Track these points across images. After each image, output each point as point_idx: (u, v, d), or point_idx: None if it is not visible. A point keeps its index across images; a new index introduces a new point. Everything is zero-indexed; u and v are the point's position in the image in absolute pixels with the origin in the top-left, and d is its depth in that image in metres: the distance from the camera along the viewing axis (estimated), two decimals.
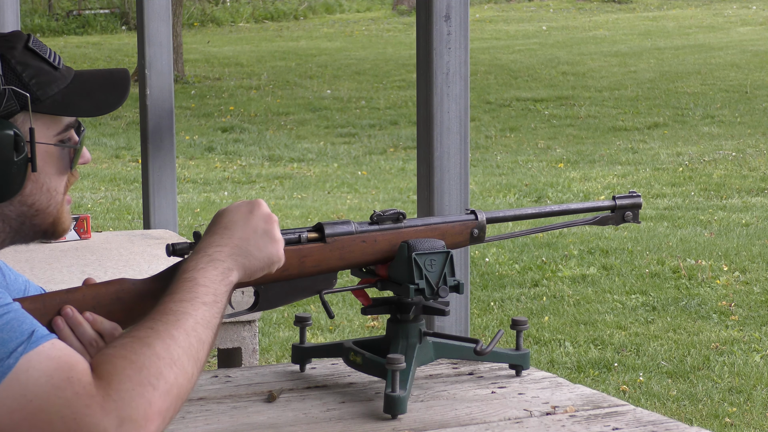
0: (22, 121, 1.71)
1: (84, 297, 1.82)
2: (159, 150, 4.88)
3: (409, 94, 16.81)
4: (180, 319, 1.60)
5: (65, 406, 1.46)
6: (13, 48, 1.73)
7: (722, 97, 16.12)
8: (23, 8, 23.57)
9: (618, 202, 2.24)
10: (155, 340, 1.55)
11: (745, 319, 6.27)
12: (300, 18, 27.53)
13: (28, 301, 1.79)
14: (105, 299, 1.83)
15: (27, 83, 1.71)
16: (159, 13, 4.87)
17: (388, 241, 2.03)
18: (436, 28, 2.77)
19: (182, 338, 1.57)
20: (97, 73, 1.83)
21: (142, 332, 1.56)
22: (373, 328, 6.14)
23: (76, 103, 1.76)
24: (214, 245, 1.75)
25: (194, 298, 1.65)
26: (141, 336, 1.56)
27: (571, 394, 2.08)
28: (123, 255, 3.83)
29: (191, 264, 1.72)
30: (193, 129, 14.72)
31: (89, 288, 1.84)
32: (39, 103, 1.72)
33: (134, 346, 1.53)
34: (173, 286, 1.68)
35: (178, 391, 1.53)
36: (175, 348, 1.55)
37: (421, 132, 2.85)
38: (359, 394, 2.07)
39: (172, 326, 1.58)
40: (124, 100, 1.80)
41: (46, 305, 1.79)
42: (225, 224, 1.79)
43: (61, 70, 1.77)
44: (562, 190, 10.51)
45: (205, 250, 1.75)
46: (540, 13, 27.58)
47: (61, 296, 1.81)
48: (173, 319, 1.59)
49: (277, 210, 9.68)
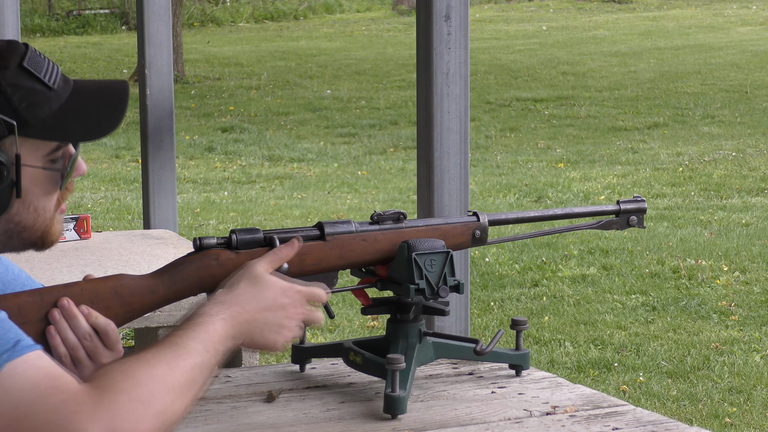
0: (9, 145, 1.67)
1: (82, 291, 1.82)
2: (159, 150, 4.87)
3: (409, 94, 16.80)
4: (185, 354, 1.59)
5: (52, 412, 1.44)
6: (5, 68, 1.68)
7: (722, 97, 16.12)
8: (23, 8, 23.57)
9: (622, 206, 2.22)
10: (158, 363, 1.54)
11: (745, 319, 6.27)
12: (300, 18, 27.53)
13: (26, 294, 1.79)
14: (103, 294, 1.83)
15: (17, 107, 1.67)
16: (159, 13, 4.87)
17: (389, 240, 2.02)
18: (436, 28, 2.77)
19: (186, 371, 1.57)
20: (95, 89, 1.78)
21: (146, 354, 1.56)
22: (373, 328, 6.14)
23: (68, 126, 1.72)
24: (237, 305, 1.74)
25: (204, 341, 1.63)
26: (145, 357, 1.55)
27: (571, 394, 2.08)
28: (123, 255, 3.83)
29: (213, 309, 1.70)
30: (193, 129, 14.72)
31: (88, 282, 1.84)
32: (28, 126, 1.68)
33: (135, 364, 1.53)
34: (189, 323, 1.67)
35: (169, 418, 1.51)
36: (176, 376, 1.55)
37: (421, 132, 2.85)
38: (359, 394, 2.07)
39: (179, 357, 1.57)
40: (118, 124, 1.76)
41: (44, 298, 1.79)
42: (258, 289, 1.78)
43: (56, 89, 1.72)
44: (562, 190, 10.51)
45: (229, 304, 1.73)
46: (540, 13, 27.58)
47: (59, 290, 1.81)
48: (181, 352, 1.59)
49: (278, 210, 9.69)
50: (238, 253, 1.92)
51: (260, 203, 10.16)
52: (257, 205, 10.05)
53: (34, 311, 1.78)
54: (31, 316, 1.77)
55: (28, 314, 1.77)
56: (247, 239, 1.93)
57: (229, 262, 1.91)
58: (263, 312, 1.76)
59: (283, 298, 1.79)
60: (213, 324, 1.67)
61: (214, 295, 1.76)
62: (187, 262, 1.89)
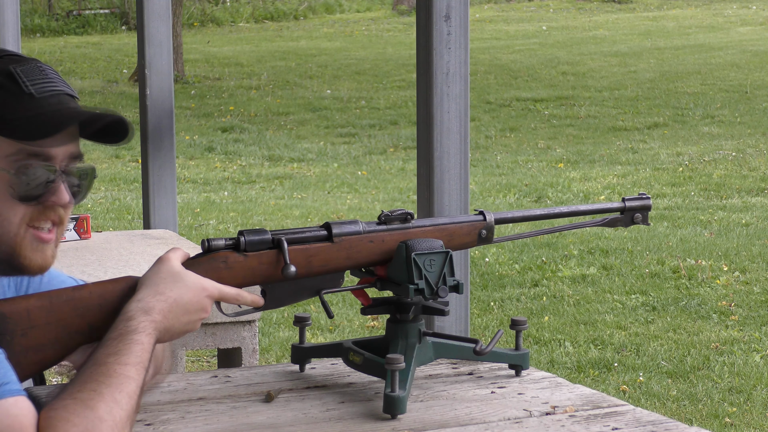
0: None
1: (90, 295, 1.82)
2: (159, 150, 4.87)
3: (409, 94, 16.80)
4: (123, 383, 1.61)
5: None
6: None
7: (722, 97, 16.12)
8: (23, 8, 23.57)
9: (627, 203, 2.19)
10: (99, 403, 1.56)
11: (745, 319, 6.27)
12: (300, 18, 27.53)
13: (35, 298, 1.79)
14: (111, 296, 1.82)
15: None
16: (159, 13, 4.87)
17: (396, 241, 2.02)
18: (436, 28, 2.77)
19: (125, 402, 1.59)
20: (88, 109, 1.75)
21: (85, 394, 1.57)
22: (372, 328, 6.14)
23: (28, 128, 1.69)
24: (162, 313, 1.76)
25: (138, 363, 1.65)
26: (84, 399, 1.56)
27: (571, 394, 2.08)
28: (123, 255, 3.83)
29: (143, 321, 1.72)
30: (193, 129, 14.72)
31: (96, 285, 1.84)
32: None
33: (77, 409, 1.54)
34: (123, 341, 1.67)
35: None
36: (118, 411, 1.56)
37: (421, 132, 2.85)
38: (359, 394, 2.07)
39: (116, 390, 1.59)
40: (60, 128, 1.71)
41: (53, 302, 1.79)
42: (183, 291, 1.80)
43: (37, 98, 1.71)
44: (562, 190, 10.51)
45: (156, 312, 1.75)
46: (540, 13, 27.57)
47: (68, 293, 1.81)
48: (117, 383, 1.60)
49: (278, 210, 9.69)
50: (247, 256, 1.91)
51: (260, 203, 10.16)
52: (257, 205, 10.05)
53: (43, 316, 1.78)
54: (40, 320, 1.77)
55: (37, 318, 1.77)
56: (255, 241, 1.92)
57: (237, 265, 1.90)
58: (185, 315, 1.79)
59: (204, 300, 1.82)
60: (143, 342, 1.69)
61: (141, 297, 1.77)
62: (196, 264, 1.89)
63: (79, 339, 1.81)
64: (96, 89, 17.55)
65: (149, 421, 1.89)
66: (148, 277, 1.82)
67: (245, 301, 1.89)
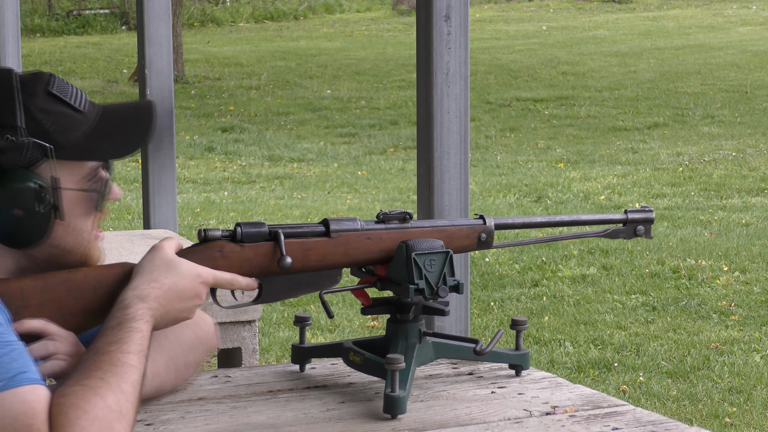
0: (45, 169, 1.73)
1: (85, 278, 1.83)
2: (159, 150, 4.87)
3: (409, 94, 16.80)
4: (128, 372, 1.63)
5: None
6: (33, 95, 1.74)
7: (722, 97, 16.12)
8: (23, 8, 23.57)
9: (630, 216, 2.17)
10: (107, 392, 1.58)
11: (745, 319, 6.27)
12: (300, 18, 27.53)
13: (29, 279, 1.80)
14: (106, 280, 1.84)
15: (49, 131, 1.73)
16: (159, 13, 4.87)
17: (394, 240, 2.02)
18: (436, 28, 2.77)
19: (130, 392, 1.61)
20: (122, 110, 1.84)
21: (93, 382, 1.59)
22: (373, 328, 6.13)
23: (100, 147, 1.78)
24: (157, 300, 1.79)
25: (139, 351, 1.68)
26: (93, 386, 1.58)
27: (571, 394, 2.08)
28: (123, 255, 3.83)
29: (140, 309, 1.75)
30: (193, 129, 14.72)
31: (91, 269, 1.85)
32: (62, 149, 1.74)
33: (87, 396, 1.56)
34: (123, 329, 1.70)
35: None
36: (124, 402, 1.59)
37: (421, 132, 2.85)
38: (359, 394, 2.07)
39: (121, 379, 1.62)
40: (149, 138, 1.82)
41: (47, 283, 1.81)
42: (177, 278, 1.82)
43: (85, 113, 1.78)
44: (562, 190, 10.51)
45: (152, 299, 1.78)
46: (540, 13, 27.57)
47: (62, 275, 1.82)
48: (121, 372, 1.63)
49: (278, 210, 9.69)
50: (243, 246, 1.92)
51: (260, 203, 10.16)
52: (257, 205, 10.05)
53: (37, 295, 1.79)
54: (33, 300, 1.79)
55: (30, 298, 1.78)
56: (251, 233, 1.93)
57: (233, 255, 1.91)
58: (180, 302, 1.82)
59: (199, 287, 1.84)
60: (142, 330, 1.71)
61: (136, 284, 1.79)
62: (192, 253, 1.90)
63: (73, 321, 1.82)
64: (96, 89, 17.55)
65: (149, 421, 1.89)
66: (142, 265, 1.84)
67: (240, 285, 1.91)
